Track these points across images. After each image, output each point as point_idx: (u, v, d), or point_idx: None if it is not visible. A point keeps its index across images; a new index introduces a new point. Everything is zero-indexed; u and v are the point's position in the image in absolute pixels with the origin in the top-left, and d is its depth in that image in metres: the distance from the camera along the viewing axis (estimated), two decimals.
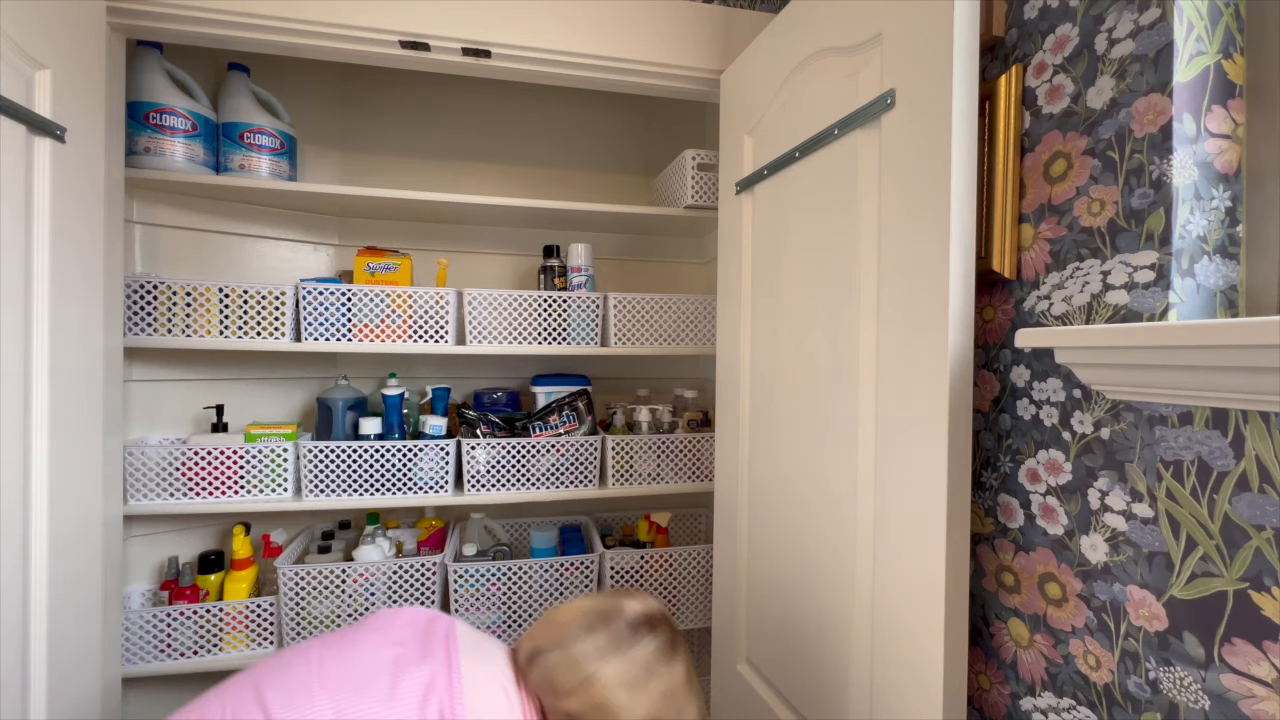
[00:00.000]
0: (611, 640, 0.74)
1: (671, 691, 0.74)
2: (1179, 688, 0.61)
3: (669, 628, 0.78)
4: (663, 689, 0.74)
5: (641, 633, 0.75)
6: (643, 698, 0.72)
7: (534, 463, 1.46)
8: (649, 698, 0.73)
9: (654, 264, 1.85)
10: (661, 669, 0.74)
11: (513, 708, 0.72)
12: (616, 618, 0.76)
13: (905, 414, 0.77)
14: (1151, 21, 0.64)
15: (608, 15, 1.27)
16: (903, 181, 0.78)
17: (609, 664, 0.73)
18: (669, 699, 0.74)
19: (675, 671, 0.75)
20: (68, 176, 0.95)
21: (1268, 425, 0.54)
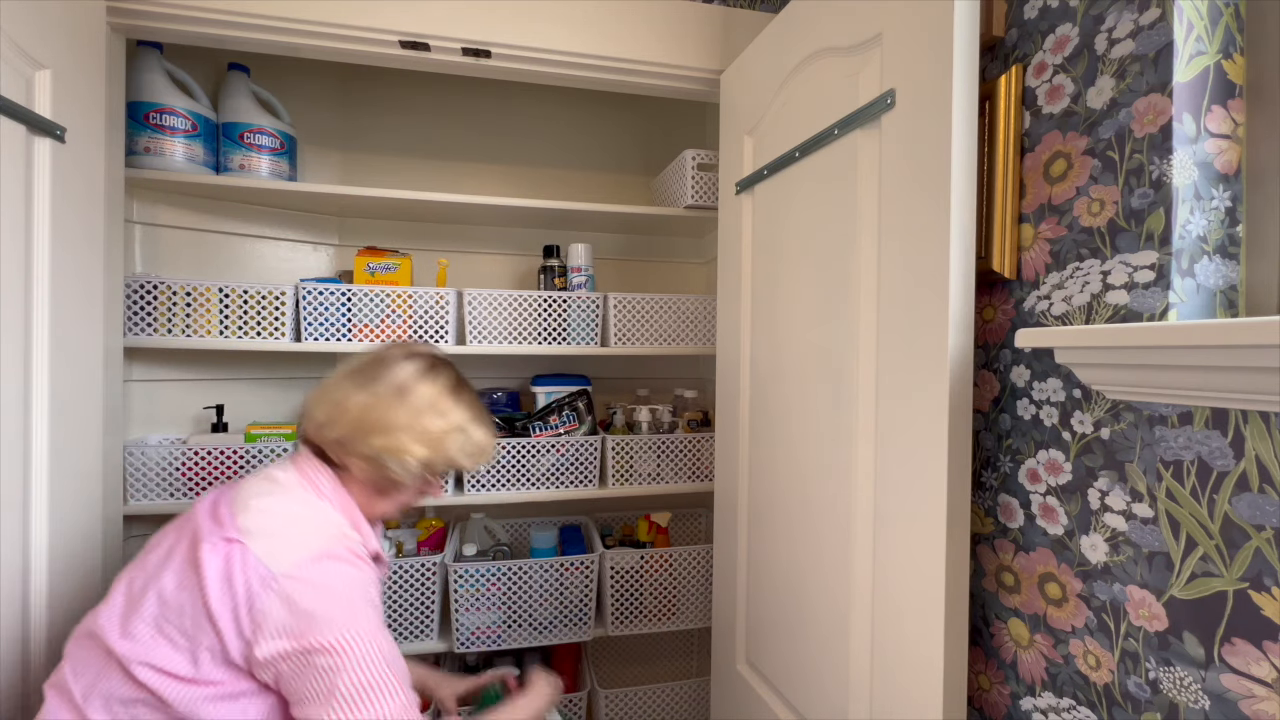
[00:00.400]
0: (366, 376, 0.80)
1: (432, 400, 0.80)
2: (1179, 688, 0.61)
3: (429, 357, 0.85)
4: (421, 402, 0.80)
5: (396, 362, 0.82)
6: (399, 408, 0.78)
7: (534, 463, 1.46)
8: (407, 408, 0.79)
9: (654, 264, 1.85)
10: (418, 384, 0.80)
11: (285, 471, 0.79)
12: (371, 362, 0.82)
13: (905, 414, 0.77)
14: (1151, 21, 0.64)
15: (608, 15, 1.27)
16: (902, 182, 0.78)
17: (362, 391, 0.79)
18: (431, 407, 0.80)
19: (433, 385, 0.81)
20: (68, 176, 0.95)
21: (1268, 425, 0.54)
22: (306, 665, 0.67)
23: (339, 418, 0.78)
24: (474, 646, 1.40)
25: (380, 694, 0.68)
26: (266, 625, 0.66)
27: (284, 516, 0.73)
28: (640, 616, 1.52)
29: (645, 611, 1.52)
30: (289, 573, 0.68)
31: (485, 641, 1.41)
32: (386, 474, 0.79)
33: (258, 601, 0.66)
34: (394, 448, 0.78)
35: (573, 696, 1.51)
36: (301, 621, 0.67)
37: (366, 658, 0.68)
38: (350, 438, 0.78)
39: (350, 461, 0.79)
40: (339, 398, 0.79)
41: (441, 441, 0.80)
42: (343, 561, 0.72)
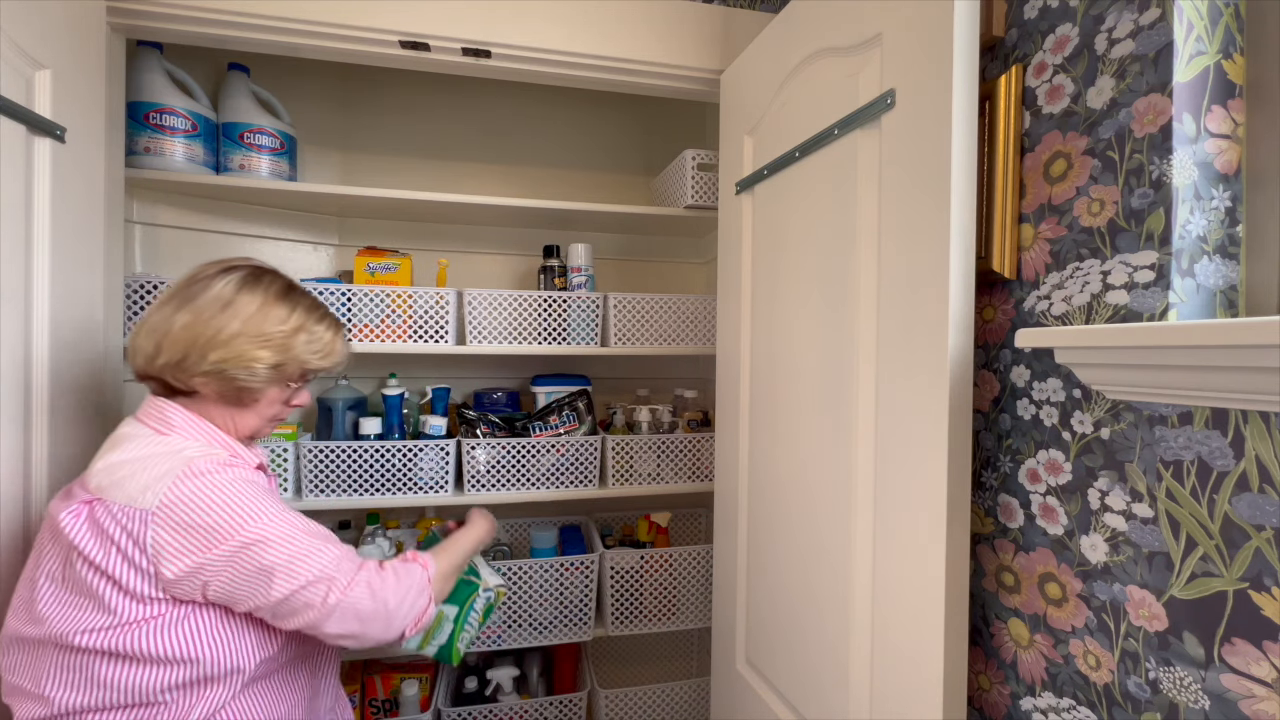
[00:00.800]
0: (184, 297, 0.77)
1: (262, 306, 0.78)
2: (1179, 688, 0.61)
3: (249, 267, 0.82)
4: (251, 309, 0.77)
5: (213, 278, 0.78)
6: (229, 318, 0.76)
7: (534, 463, 1.46)
8: (238, 317, 0.76)
9: (654, 264, 1.85)
10: (241, 294, 0.78)
11: (125, 426, 0.76)
12: (187, 282, 0.79)
13: (905, 414, 0.77)
14: (1151, 21, 0.64)
15: (608, 15, 1.27)
16: (903, 181, 0.78)
17: (183, 312, 0.76)
18: (263, 312, 0.78)
19: (260, 292, 0.79)
20: (68, 176, 0.95)
21: (1268, 425, 0.54)
22: (228, 566, 0.69)
23: (167, 343, 0.75)
24: (474, 646, 1.40)
25: (312, 554, 0.73)
26: (165, 551, 0.67)
27: (133, 462, 0.70)
28: (640, 616, 1.52)
29: (645, 611, 1.52)
30: (163, 503, 0.67)
31: (485, 641, 1.41)
32: (237, 385, 0.77)
33: (142, 538, 0.67)
34: (235, 357, 0.76)
35: (573, 696, 1.52)
36: (200, 536, 0.68)
37: (282, 533, 0.72)
38: (186, 359, 0.75)
39: (195, 382, 0.76)
40: (158, 323, 0.76)
41: (286, 344, 0.79)
42: (212, 472, 0.71)
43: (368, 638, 0.76)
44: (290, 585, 0.71)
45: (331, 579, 0.73)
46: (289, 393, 0.84)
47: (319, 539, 0.75)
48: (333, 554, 0.75)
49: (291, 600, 0.71)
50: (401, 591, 0.78)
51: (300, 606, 0.72)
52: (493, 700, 1.50)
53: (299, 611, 0.72)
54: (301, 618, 0.72)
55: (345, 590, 0.73)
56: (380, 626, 0.76)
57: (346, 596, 0.73)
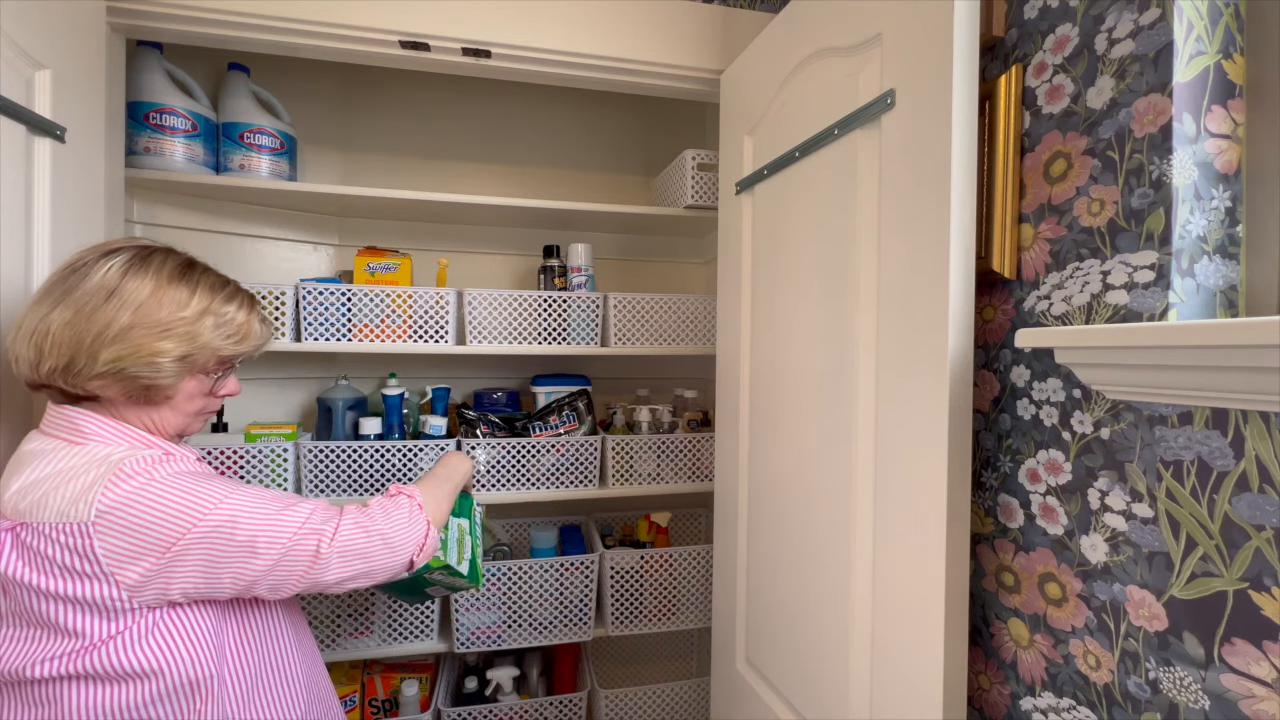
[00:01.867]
0: (62, 289, 0.67)
1: (155, 290, 0.68)
2: (1179, 688, 0.61)
3: (136, 247, 0.71)
4: (142, 296, 0.67)
5: (94, 264, 0.68)
6: (118, 310, 0.66)
7: (534, 463, 1.46)
8: (127, 307, 0.67)
9: (654, 264, 1.85)
10: (129, 280, 0.68)
11: (29, 444, 0.68)
12: (64, 273, 0.68)
13: (905, 414, 0.77)
14: (1151, 21, 0.64)
15: (608, 15, 1.27)
16: (903, 181, 0.78)
17: (62, 308, 0.66)
18: (156, 298, 0.68)
19: (150, 275, 0.69)
20: (68, 176, 0.95)
21: (1268, 425, 0.54)
22: (199, 557, 0.63)
23: (49, 346, 0.65)
24: (474, 646, 1.40)
25: (286, 513, 0.68)
26: (118, 557, 0.61)
27: (49, 479, 0.62)
28: (640, 616, 1.52)
29: (645, 611, 1.52)
30: (101, 511, 0.60)
31: (485, 641, 1.41)
32: (142, 383, 0.68)
33: (89, 550, 0.60)
34: (132, 353, 0.66)
35: (573, 696, 1.52)
36: (153, 535, 0.62)
37: (246, 505, 0.66)
38: (73, 362, 0.65)
39: (92, 386, 0.67)
40: (35, 324, 0.65)
41: (191, 332, 0.69)
42: (147, 469, 0.64)
43: (376, 573, 0.73)
44: (276, 549, 0.66)
45: (317, 529, 0.68)
46: (209, 383, 0.75)
47: (288, 499, 0.70)
48: (307, 507, 0.70)
49: (284, 562, 0.67)
50: (394, 520, 0.75)
51: (295, 566, 0.67)
52: (493, 700, 1.50)
53: (295, 572, 0.68)
54: (300, 578, 0.68)
55: (335, 535, 0.69)
56: (385, 558, 0.73)
57: (338, 539, 0.69)
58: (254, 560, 0.66)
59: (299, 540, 0.68)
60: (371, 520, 0.73)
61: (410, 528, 0.76)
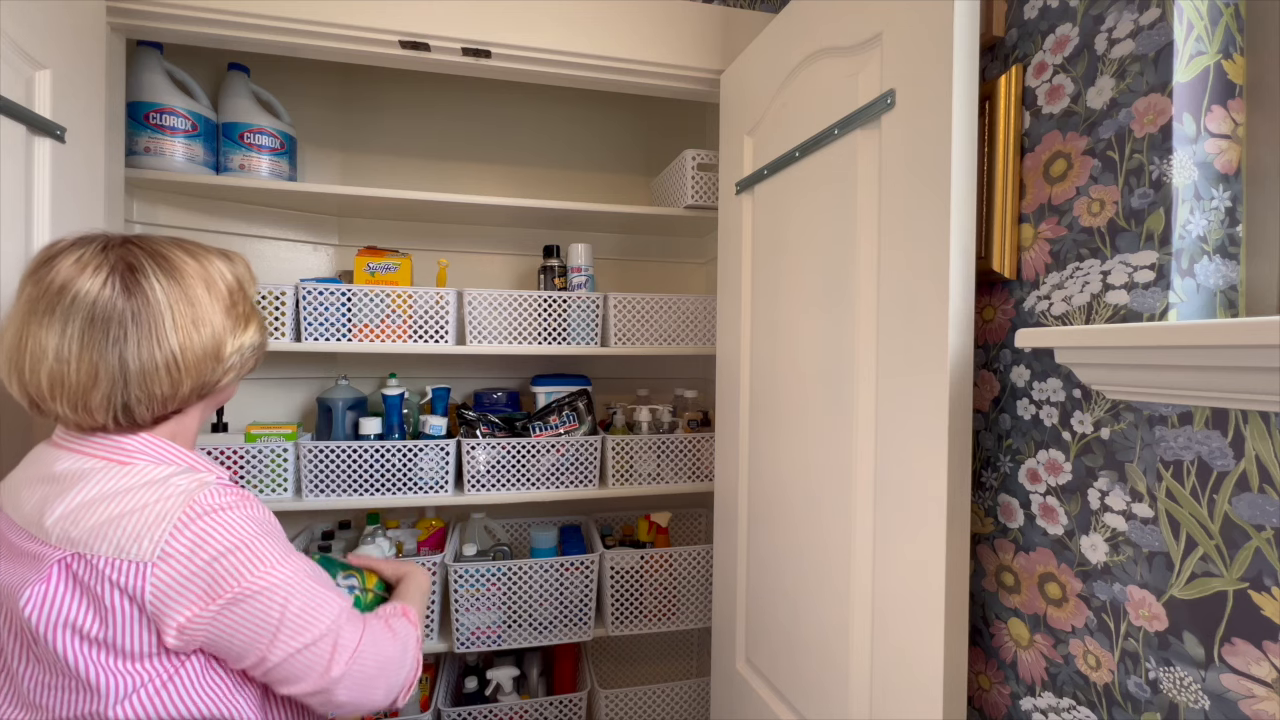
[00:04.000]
0: (41, 312, 0.60)
1: (204, 282, 0.65)
2: (1179, 688, 0.61)
3: (104, 248, 0.62)
4: (199, 291, 0.65)
5: (76, 285, 0.60)
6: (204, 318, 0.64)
7: (534, 463, 1.46)
8: (198, 306, 0.64)
9: (654, 264, 1.85)
10: (171, 286, 0.63)
11: (79, 460, 0.62)
12: (57, 297, 0.60)
13: (905, 414, 0.77)
14: (1151, 21, 0.64)
15: (608, 15, 1.27)
16: (903, 181, 0.78)
17: (45, 332, 0.59)
18: (211, 291, 0.65)
19: (194, 268, 0.65)
20: (68, 176, 0.95)
21: (1268, 425, 0.54)
22: (233, 617, 0.59)
23: (49, 378, 0.59)
24: (474, 646, 1.40)
25: (318, 608, 0.63)
26: (167, 606, 0.56)
27: (104, 502, 0.58)
28: (640, 616, 1.52)
29: (645, 611, 1.52)
30: (165, 553, 0.56)
31: (485, 641, 1.41)
32: (222, 382, 0.68)
33: (140, 594, 0.56)
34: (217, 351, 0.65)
35: (573, 696, 1.52)
36: (212, 582, 0.57)
37: (289, 584, 0.61)
38: (179, 389, 0.63)
39: (183, 407, 0.66)
40: (38, 352, 0.59)
41: (237, 315, 0.68)
42: (223, 508, 0.60)
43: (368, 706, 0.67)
44: (292, 644, 0.61)
45: (338, 634, 0.64)
46: None
47: (320, 585, 0.65)
48: (335, 607, 0.65)
49: (294, 660, 0.62)
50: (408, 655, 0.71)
51: (302, 669, 0.62)
52: (493, 700, 1.50)
53: (314, 670, 0.63)
54: (302, 684, 0.63)
55: (350, 660, 0.64)
56: (393, 688, 0.69)
57: (329, 672, 0.63)
58: (264, 645, 0.61)
59: (316, 643, 0.63)
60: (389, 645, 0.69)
61: (404, 665, 0.71)
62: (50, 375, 0.59)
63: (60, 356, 0.59)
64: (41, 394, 0.60)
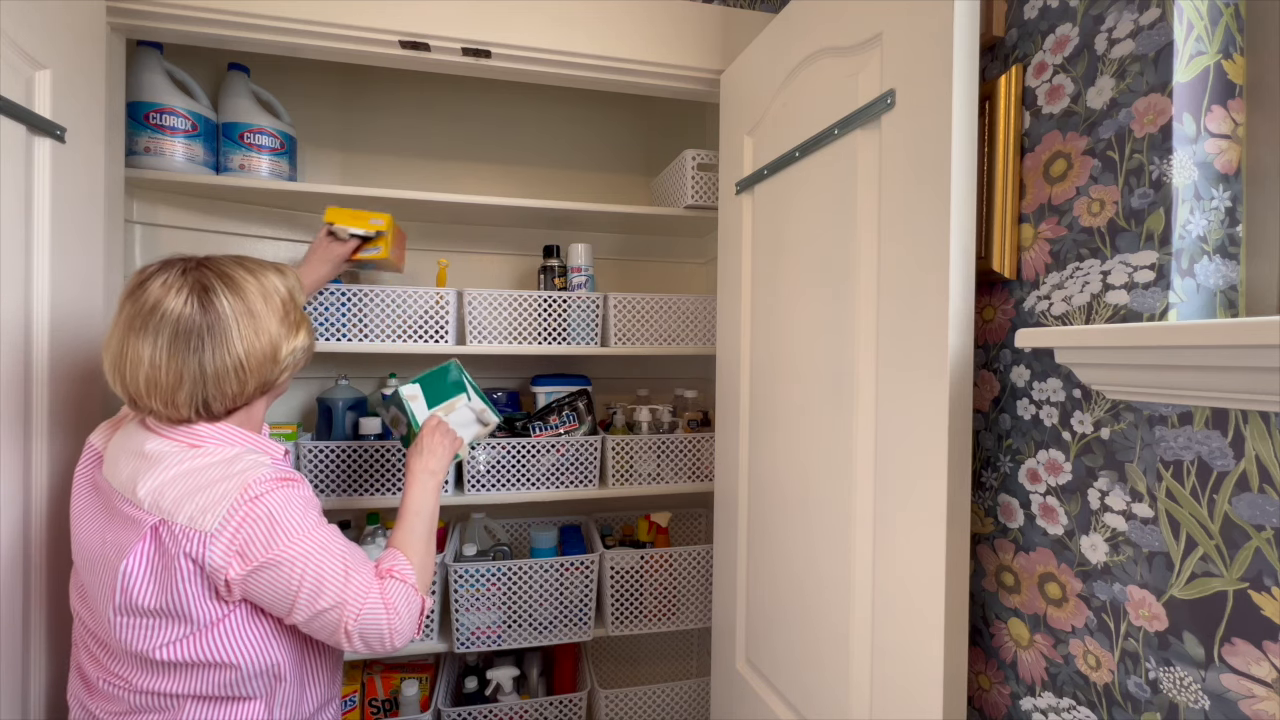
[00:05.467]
0: (138, 328, 0.73)
1: (262, 293, 0.78)
2: (1179, 688, 0.61)
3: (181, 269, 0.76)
4: (259, 304, 0.77)
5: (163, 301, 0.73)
6: (263, 322, 0.77)
7: (534, 463, 1.46)
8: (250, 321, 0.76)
9: (654, 264, 1.85)
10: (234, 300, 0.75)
11: (156, 439, 0.75)
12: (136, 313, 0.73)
13: (905, 414, 0.77)
14: (1151, 21, 0.64)
15: (607, 15, 1.27)
16: (902, 181, 0.78)
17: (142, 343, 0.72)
18: (260, 303, 0.78)
19: (251, 285, 0.78)
20: (68, 176, 0.95)
21: (1268, 425, 0.54)
22: (263, 579, 0.71)
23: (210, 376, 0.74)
24: (474, 646, 1.40)
25: (331, 579, 0.74)
26: (223, 559, 0.69)
27: (181, 480, 0.71)
28: (640, 616, 1.52)
29: (645, 611, 1.52)
30: (221, 524, 0.69)
31: (485, 641, 1.41)
32: (280, 380, 0.82)
33: (201, 558, 0.68)
34: (274, 354, 0.78)
35: (573, 696, 1.52)
36: (253, 550, 0.70)
37: (317, 553, 0.74)
38: (245, 380, 0.76)
39: (249, 399, 0.79)
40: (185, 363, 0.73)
41: (290, 322, 0.81)
42: (268, 493, 0.72)
43: (390, 645, 0.80)
44: (312, 607, 0.74)
45: (344, 604, 0.75)
46: None
47: (349, 558, 0.77)
48: (360, 579, 0.77)
49: (320, 618, 0.74)
50: (409, 612, 0.81)
51: (330, 622, 0.75)
52: (493, 700, 1.50)
53: (329, 625, 0.75)
54: (331, 633, 0.76)
55: (358, 617, 0.76)
56: (403, 636, 0.80)
57: (360, 623, 0.76)
58: (291, 605, 0.73)
59: (332, 609, 0.75)
60: (394, 612, 0.79)
61: (405, 623, 0.81)
62: (146, 379, 0.72)
63: (154, 363, 0.72)
64: (140, 393, 0.73)
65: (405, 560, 0.86)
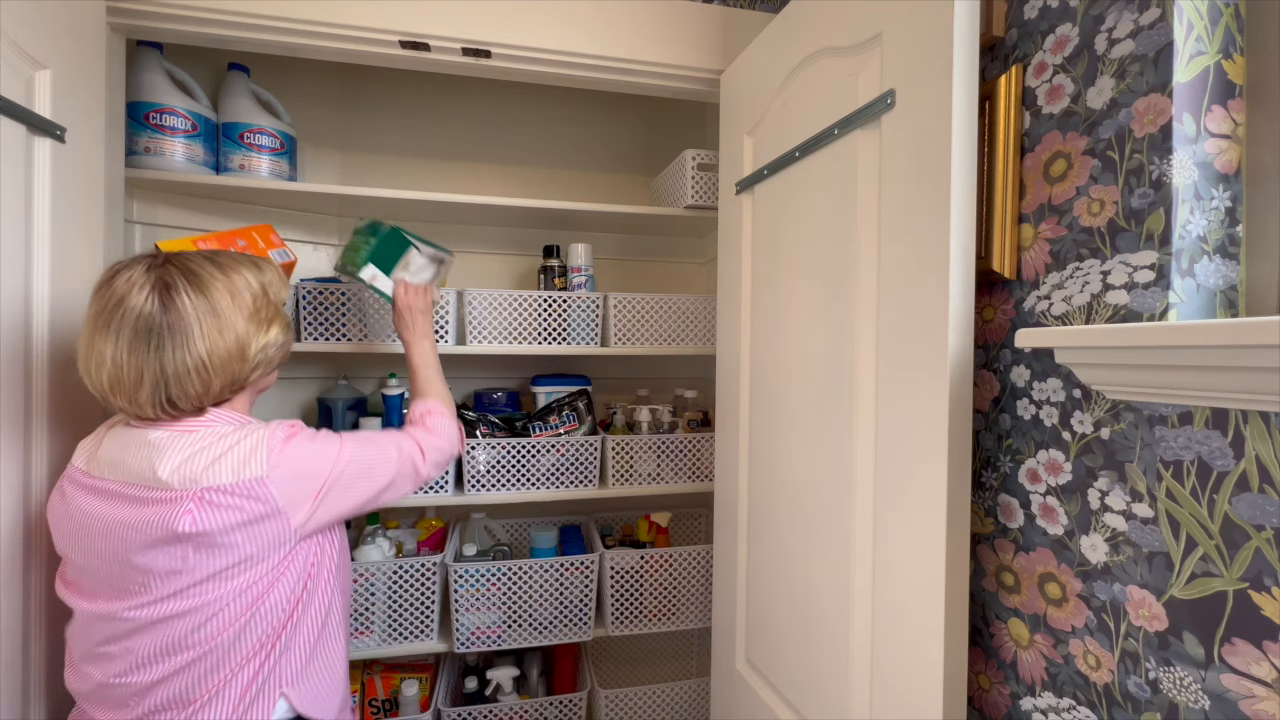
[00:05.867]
0: (102, 325, 0.73)
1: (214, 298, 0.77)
2: (1179, 688, 0.61)
3: (153, 265, 0.76)
4: (202, 307, 0.76)
5: (129, 296, 0.73)
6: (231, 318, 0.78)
7: (534, 463, 1.46)
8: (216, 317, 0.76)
9: (654, 264, 1.85)
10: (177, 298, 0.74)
11: (158, 429, 0.76)
12: (101, 309, 0.74)
13: (905, 414, 0.77)
14: (1151, 21, 0.64)
15: (608, 15, 1.27)
16: (902, 181, 0.78)
17: (105, 341, 0.73)
18: (240, 297, 0.79)
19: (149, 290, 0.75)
20: (68, 177, 0.95)
21: (1268, 425, 0.54)
22: (341, 490, 0.80)
23: (209, 368, 0.75)
24: (474, 646, 1.40)
25: (382, 458, 0.86)
26: (288, 501, 0.75)
27: (200, 454, 0.72)
28: (640, 616, 1.52)
29: (645, 611, 1.52)
30: (271, 466, 0.73)
31: (485, 641, 1.41)
32: (252, 376, 0.82)
33: (270, 498, 0.73)
34: (242, 352, 0.78)
35: (573, 696, 1.52)
36: (309, 481, 0.77)
37: (352, 459, 0.82)
38: (209, 379, 0.75)
39: (240, 387, 0.81)
40: (205, 357, 0.74)
41: (260, 319, 0.81)
42: (289, 437, 0.77)
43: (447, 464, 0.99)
44: (388, 473, 0.87)
45: (411, 455, 0.91)
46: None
47: (381, 440, 0.88)
48: (396, 444, 0.90)
49: (396, 481, 0.88)
50: (447, 437, 0.99)
51: (403, 481, 0.90)
52: (493, 700, 1.50)
53: (404, 486, 0.90)
54: (411, 482, 0.92)
55: (425, 458, 0.93)
56: (448, 461, 0.99)
57: (428, 460, 0.93)
58: (372, 482, 0.84)
59: (406, 473, 0.90)
60: (439, 440, 0.97)
61: (454, 439, 1.01)
62: (110, 376, 0.73)
63: (115, 361, 0.72)
64: (104, 391, 0.74)
65: (433, 399, 1.04)
